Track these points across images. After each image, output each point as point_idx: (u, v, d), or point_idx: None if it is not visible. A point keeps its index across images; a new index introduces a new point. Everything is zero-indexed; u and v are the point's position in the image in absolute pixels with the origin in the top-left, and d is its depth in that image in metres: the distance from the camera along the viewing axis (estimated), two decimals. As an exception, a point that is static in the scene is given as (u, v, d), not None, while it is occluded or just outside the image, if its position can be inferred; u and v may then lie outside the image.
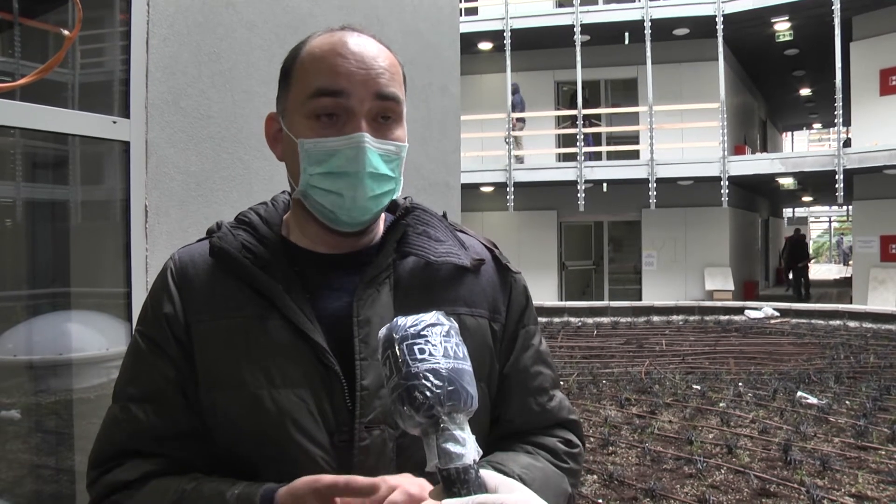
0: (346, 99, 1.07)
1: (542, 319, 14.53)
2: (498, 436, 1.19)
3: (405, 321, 0.90)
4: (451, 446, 0.84)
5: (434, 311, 0.93)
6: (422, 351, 0.87)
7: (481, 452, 0.87)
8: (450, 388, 0.85)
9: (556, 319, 15.11)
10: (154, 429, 1.08)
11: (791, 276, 21.10)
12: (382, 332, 0.92)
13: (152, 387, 1.10)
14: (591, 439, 6.62)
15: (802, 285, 20.51)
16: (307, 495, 0.93)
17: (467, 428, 0.87)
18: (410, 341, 0.88)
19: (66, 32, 2.01)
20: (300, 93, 1.11)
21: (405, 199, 1.24)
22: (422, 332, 0.89)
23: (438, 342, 0.89)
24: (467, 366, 0.90)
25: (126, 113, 2.55)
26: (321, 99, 1.08)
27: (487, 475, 0.88)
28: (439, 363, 0.87)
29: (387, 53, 1.13)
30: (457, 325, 0.93)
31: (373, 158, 1.08)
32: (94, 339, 2.93)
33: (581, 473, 1.27)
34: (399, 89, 1.12)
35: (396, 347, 0.88)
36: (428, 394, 0.84)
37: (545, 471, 1.14)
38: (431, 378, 0.85)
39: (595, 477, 5.71)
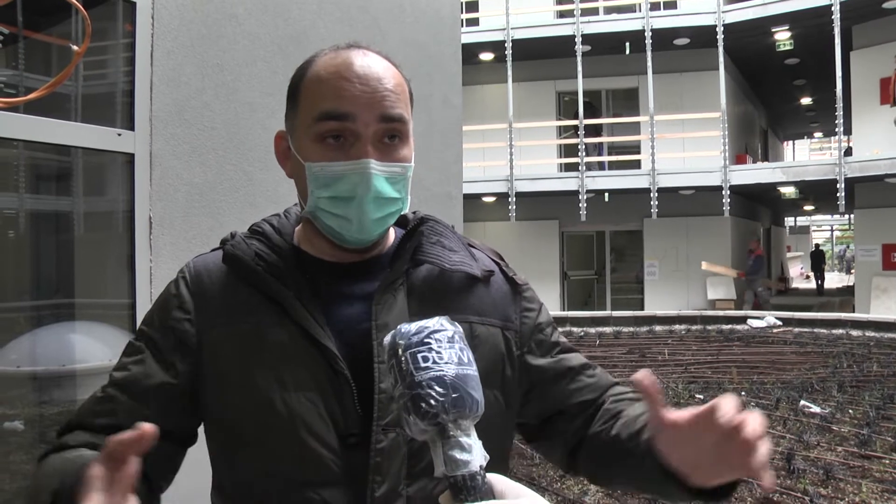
0: (352, 122, 1.09)
1: (544, 329, 14.48)
2: (589, 412, 1.23)
3: (409, 328, 0.91)
4: (457, 453, 0.85)
5: (437, 317, 0.93)
6: (425, 359, 0.88)
7: (488, 458, 0.88)
8: (454, 396, 0.86)
9: (559, 329, 15.06)
10: (118, 415, 1.10)
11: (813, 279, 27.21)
12: (387, 339, 0.92)
13: (132, 379, 1.13)
14: (594, 449, 6.61)
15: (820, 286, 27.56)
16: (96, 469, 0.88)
17: (473, 434, 0.87)
18: (414, 349, 0.88)
19: (75, 47, 2.02)
20: (306, 115, 1.12)
21: (414, 212, 1.26)
22: (425, 340, 0.89)
23: (443, 349, 0.89)
24: (472, 370, 0.90)
25: (130, 125, 2.56)
26: (326, 122, 1.09)
27: (495, 480, 0.89)
28: (443, 370, 0.87)
29: (393, 72, 1.14)
30: (461, 329, 0.94)
31: (378, 183, 1.09)
32: (97, 350, 2.94)
33: None
34: (405, 109, 1.14)
35: (401, 356, 0.89)
36: (433, 402, 0.85)
37: None
38: (436, 386, 0.86)
39: (598, 486, 5.69)
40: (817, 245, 32.71)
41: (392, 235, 1.25)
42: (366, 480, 1.05)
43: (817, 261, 28.92)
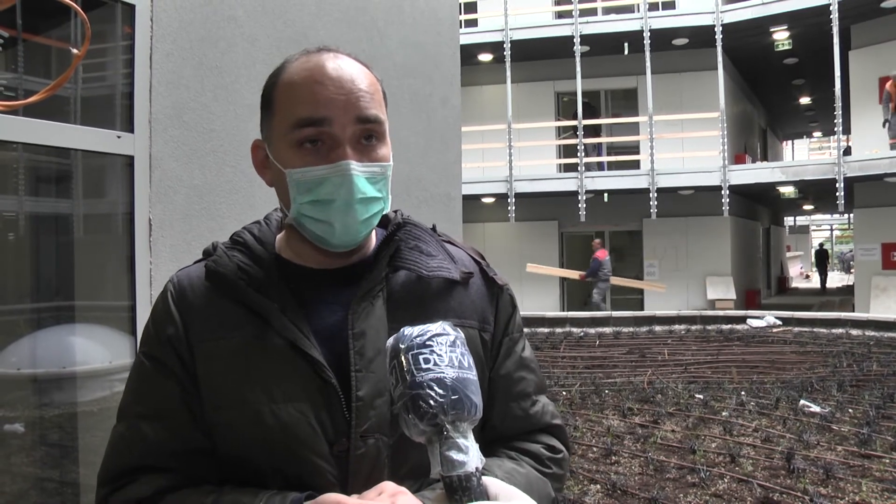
0: (329, 126, 1.09)
1: (543, 330, 14.51)
2: (483, 441, 1.20)
3: (412, 331, 0.92)
4: (454, 454, 0.86)
5: (440, 322, 0.95)
6: (427, 361, 0.89)
7: (484, 461, 0.89)
8: (454, 398, 0.87)
9: (559, 329, 15.06)
10: (164, 445, 1.10)
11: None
12: (390, 342, 0.94)
13: (159, 404, 1.12)
14: (594, 449, 6.61)
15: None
16: None
17: (471, 436, 0.88)
18: (416, 351, 0.90)
19: (74, 51, 2.02)
20: (283, 122, 1.12)
21: (395, 212, 1.26)
22: (427, 343, 0.91)
23: (444, 352, 0.91)
24: (472, 375, 0.91)
25: (130, 127, 2.57)
26: (304, 129, 1.09)
27: (490, 482, 0.90)
28: (444, 373, 0.89)
29: (365, 73, 1.14)
30: (462, 335, 0.95)
31: (360, 184, 1.09)
32: (97, 352, 2.94)
33: (566, 478, 1.29)
34: (380, 109, 1.14)
35: (402, 357, 0.90)
36: (432, 402, 0.86)
37: (528, 476, 1.16)
38: (436, 387, 0.87)
39: (598, 487, 5.70)
40: (821, 244, 34.82)
41: (374, 238, 1.24)
42: (348, 487, 1.06)
43: (821, 260, 30.48)
